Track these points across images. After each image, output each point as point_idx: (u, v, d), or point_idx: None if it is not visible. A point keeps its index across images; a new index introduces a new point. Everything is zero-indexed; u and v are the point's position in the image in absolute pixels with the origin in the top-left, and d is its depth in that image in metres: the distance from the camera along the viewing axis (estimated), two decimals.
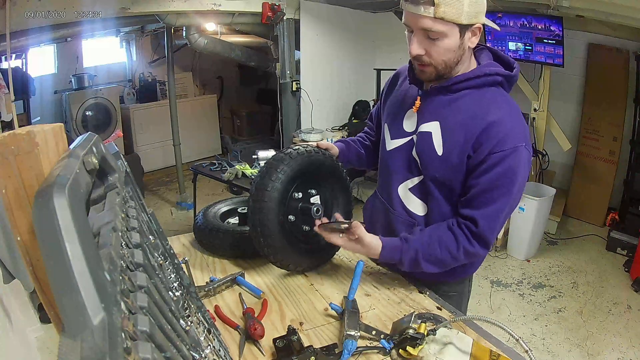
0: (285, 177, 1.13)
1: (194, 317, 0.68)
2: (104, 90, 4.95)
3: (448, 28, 0.95)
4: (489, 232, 1.04)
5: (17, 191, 0.43)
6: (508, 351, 0.92)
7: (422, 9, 0.93)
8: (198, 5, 3.43)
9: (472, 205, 1.04)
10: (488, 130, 0.99)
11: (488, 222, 1.03)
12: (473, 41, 1.01)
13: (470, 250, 1.06)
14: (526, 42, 3.45)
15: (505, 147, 0.98)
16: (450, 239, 1.06)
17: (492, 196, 1.02)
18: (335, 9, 4.17)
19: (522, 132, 1.02)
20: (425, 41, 0.99)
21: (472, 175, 1.03)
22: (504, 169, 0.99)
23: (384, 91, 1.31)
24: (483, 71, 1.04)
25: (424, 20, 0.94)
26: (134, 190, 0.65)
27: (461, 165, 1.04)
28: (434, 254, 1.07)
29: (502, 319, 2.66)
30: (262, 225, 1.12)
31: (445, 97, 1.07)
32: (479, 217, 1.03)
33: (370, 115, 1.46)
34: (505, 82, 1.07)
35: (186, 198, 4.59)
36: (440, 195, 1.11)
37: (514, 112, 1.04)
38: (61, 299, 0.28)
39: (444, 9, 0.92)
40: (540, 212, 3.29)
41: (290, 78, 4.09)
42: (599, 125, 3.82)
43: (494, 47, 1.14)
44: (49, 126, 0.46)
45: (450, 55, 1.00)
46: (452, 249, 1.06)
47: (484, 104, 1.03)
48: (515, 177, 1.01)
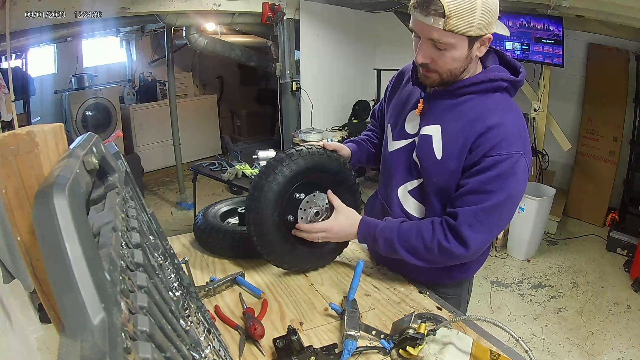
0: (283, 177, 1.12)
1: (194, 317, 0.68)
2: (104, 90, 4.95)
3: (457, 40, 0.92)
4: (466, 228, 0.99)
5: (17, 191, 0.43)
6: (508, 351, 0.92)
7: (432, 19, 0.89)
8: (198, 5, 3.44)
9: (455, 203, 1.03)
10: (486, 133, 0.98)
11: (467, 218, 0.99)
12: (482, 50, 0.99)
13: (444, 244, 1.02)
14: (523, 42, 3.46)
15: (501, 152, 0.95)
16: (427, 229, 1.05)
17: (478, 198, 0.99)
18: (335, 9, 4.17)
19: (521, 140, 0.99)
20: (432, 50, 0.96)
21: (463, 176, 1.02)
22: (496, 174, 0.96)
23: (389, 89, 1.29)
24: (488, 76, 1.01)
25: (432, 31, 0.92)
26: (134, 190, 0.65)
27: (458, 169, 1.02)
28: (408, 240, 1.06)
29: (502, 319, 2.66)
30: (256, 224, 1.13)
31: (449, 101, 1.05)
32: (459, 213, 1.00)
33: (373, 113, 1.44)
34: (511, 87, 1.04)
35: (186, 198, 4.60)
36: (437, 200, 1.09)
37: (516, 119, 1.01)
38: (61, 299, 0.28)
39: (454, 22, 0.88)
40: (540, 212, 3.29)
41: (290, 78, 4.09)
42: (599, 125, 3.82)
43: (500, 50, 1.11)
44: (49, 126, 0.46)
45: (457, 65, 0.98)
46: (427, 239, 1.04)
47: (486, 109, 1.01)
48: (506, 185, 0.97)
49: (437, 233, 1.03)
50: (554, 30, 3.23)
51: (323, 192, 1.21)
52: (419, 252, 1.06)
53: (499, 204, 0.99)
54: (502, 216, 1.02)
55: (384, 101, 1.33)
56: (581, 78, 3.90)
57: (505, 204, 1.00)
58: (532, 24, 3.32)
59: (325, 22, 4.12)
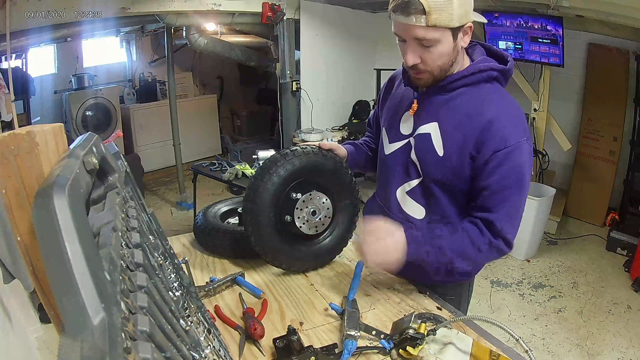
0: (278, 178, 1.13)
1: (194, 317, 0.68)
2: (104, 90, 4.95)
3: (441, 34, 0.95)
4: (508, 230, 1.03)
5: (17, 191, 0.43)
6: (508, 351, 0.92)
7: (414, 18, 0.92)
8: (198, 5, 3.44)
9: (486, 208, 1.03)
10: (488, 128, 0.99)
11: (503, 219, 1.02)
12: (466, 40, 1.01)
13: (494, 243, 1.03)
14: (516, 41, 3.46)
15: (509, 144, 0.98)
16: (474, 229, 1.04)
17: (505, 195, 1.01)
18: (335, 9, 4.17)
19: (521, 126, 1.02)
20: (420, 49, 0.98)
21: (480, 177, 1.02)
22: (511, 166, 0.99)
23: (381, 96, 1.31)
24: (477, 67, 1.04)
25: (416, 30, 0.94)
26: (134, 190, 0.65)
27: (462, 164, 1.03)
28: (459, 244, 1.03)
29: (502, 319, 2.66)
30: (253, 225, 1.14)
31: (442, 97, 1.07)
32: (494, 219, 1.02)
33: (369, 122, 1.46)
34: (501, 77, 1.07)
35: (186, 198, 4.59)
36: (444, 197, 1.10)
37: (512, 107, 1.04)
38: (61, 299, 0.28)
39: (435, 16, 0.91)
40: (540, 212, 3.29)
41: (290, 78, 4.09)
42: (599, 125, 3.82)
43: (487, 43, 1.14)
44: (49, 126, 0.46)
45: (445, 59, 1.00)
46: (476, 241, 1.03)
47: (480, 100, 1.03)
48: (523, 172, 1.01)
49: (485, 233, 1.03)
50: (551, 30, 3.23)
51: (320, 192, 1.21)
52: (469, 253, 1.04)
53: (521, 193, 1.03)
54: (523, 203, 1.06)
55: (377, 109, 1.35)
56: (581, 78, 3.90)
57: (525, 192, 1.04)
58: (530, 23, 3.32)
59: (325, 22, 4.12)
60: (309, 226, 1.20)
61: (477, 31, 3.60)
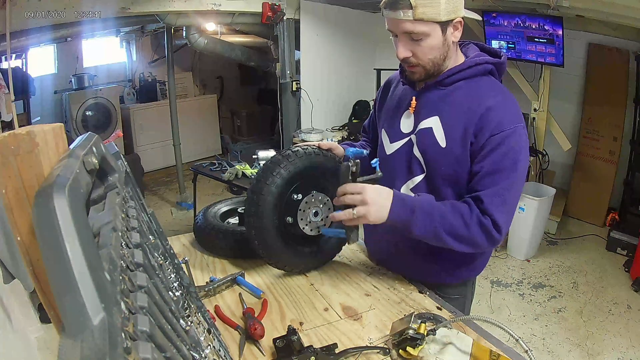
0: (281, 179, 1.12)
1: (194, 317, 0.68)
2: (104, 90, 4.95)
3: (429, 27, 0.98)
4: (495, 209, 1.00)
5: (17, 191, 0.43)
6: (508, 351, 0.92)
7: (402, 13, 0.97)
8: (198, 5, 3.43)
9: (476, 187, 1.03)
10: (486, 114, 1.01)
11: (493, 200, 1.01)
12: (456, 35, 1.04)
13: (483, 221, 1.01)
14: (509, 40, 3.46)
15: (505, 128, 1.00)
16: (463, 206, 1.03)
17: (497, 178, 1.01)
18: (335, 9, 4.17)
19: (517, 114, 1.04)
20: (410, 43, 1.02)
21: (475, 160, 1.04)
22: (506, 149, 1.00)
23: (377, 101, 1.32)
24: (474, 61, 1.07)
25: (404, 23, 0.98)
26: (134, 190, 0.65)
27: (464, 154, 1.05)
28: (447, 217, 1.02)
29: (502, 319, 2.66)
30: (257, 228, 1.13)
31: (440, 92, 1.09)
32: (484, 197, 1.01)
33: (364, 128, 1.46)
34: (496, 71, 1.10)
35: (186, 198, 4.60)
36: (447, 188, 1.10)
37: (508, 97, 1.07)
38: (61, 299, 0.28)
39: (422, 10, 0.95)
40: (540, 212, 3.29)
41: (290, 78, 4.09)
42: (599, 125, 3.82)
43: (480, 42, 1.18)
44: (49, 126, 0.46)
45: (436, 53, 1.03)
46: (465, 215, 1.02)
47: (478, 92, 1.05)
48: (518, 156, 1.02)
49: (473, 209, 1.02)
50: (549, 29, 3.23)
51: (321, 192, 1.21)
52: (457, 230, 1.02)
53: (516, 178, 1.03)
54: (518, 190, 1.06)
55: (374, 114, 1.37)
56: (581, 78, 3.90)
57: (520, 178, 1.05)
58: (528, 23, 3.32)
59: (325, 22, 4.12)
60: (312, 227, 1.20)
61: (477, 31, 3.61)
